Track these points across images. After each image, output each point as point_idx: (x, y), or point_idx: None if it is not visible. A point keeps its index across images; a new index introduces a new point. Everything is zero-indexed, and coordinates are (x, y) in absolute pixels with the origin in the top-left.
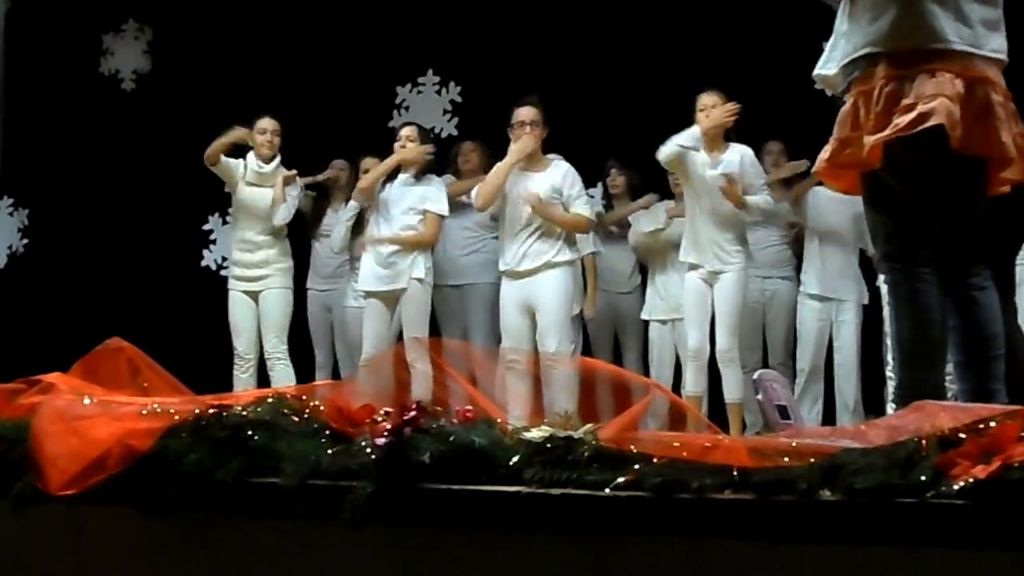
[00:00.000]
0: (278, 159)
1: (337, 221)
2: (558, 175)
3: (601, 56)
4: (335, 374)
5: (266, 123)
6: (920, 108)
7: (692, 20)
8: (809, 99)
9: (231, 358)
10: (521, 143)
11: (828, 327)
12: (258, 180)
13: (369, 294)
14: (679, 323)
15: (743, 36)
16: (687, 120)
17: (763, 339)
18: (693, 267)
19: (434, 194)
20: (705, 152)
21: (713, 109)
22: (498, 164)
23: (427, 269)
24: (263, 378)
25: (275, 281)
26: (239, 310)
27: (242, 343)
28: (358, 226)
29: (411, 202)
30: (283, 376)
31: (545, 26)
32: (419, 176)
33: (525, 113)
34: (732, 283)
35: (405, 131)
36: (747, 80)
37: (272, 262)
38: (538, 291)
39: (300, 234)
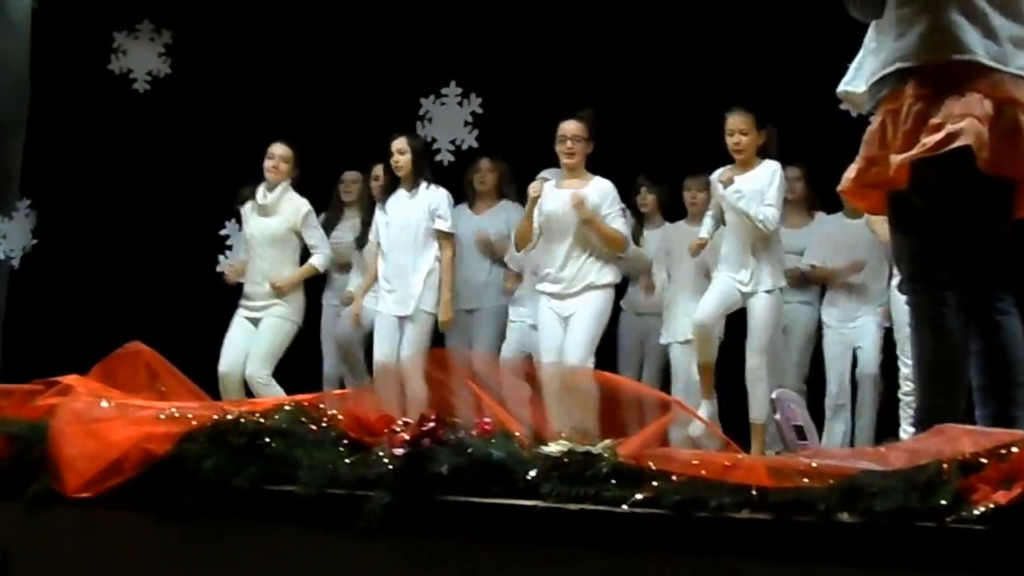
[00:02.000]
0: (285, 185)
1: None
2: (597, 193)
3: (628, 70)
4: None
5: (274, 148)
6: (948, 128)
7: (719, 33)
8: (824, 116)
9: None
10: (530, 189)
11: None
12: (262, 211)
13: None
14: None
15: (744, 39)
16: (715, 135)
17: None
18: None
19: (443, 210)
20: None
21: (742, 135)
22: (523, 217)
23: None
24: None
25: (278, 310)
26: (233, 331)
27: (224, 364)
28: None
29: (416, 217)
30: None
31: (569, 39)
32: (414, 187)
33: (567, 128)
34: (767, 303)
35: (396, 144)
36: (776, 96)
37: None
38: (576, 307)
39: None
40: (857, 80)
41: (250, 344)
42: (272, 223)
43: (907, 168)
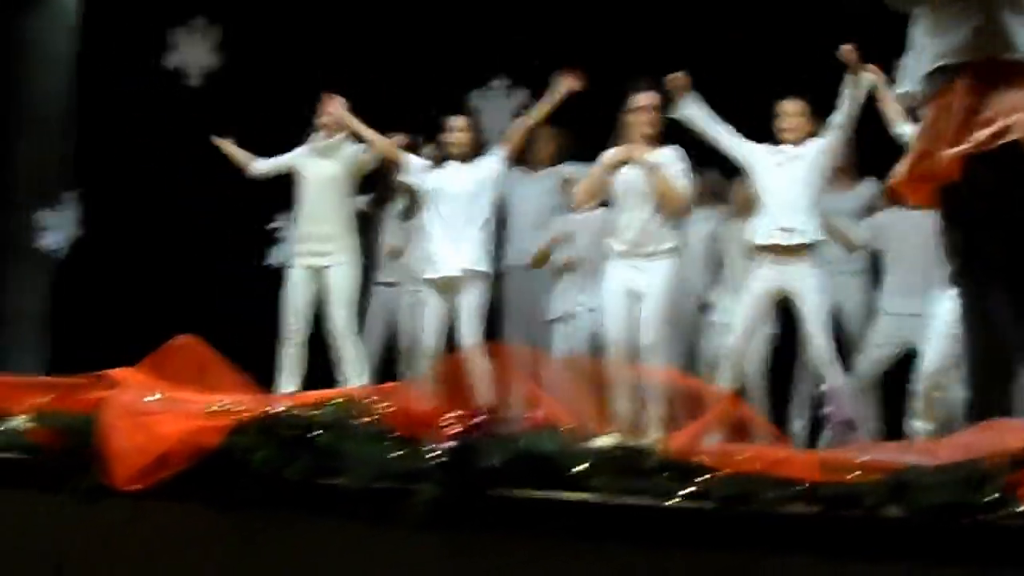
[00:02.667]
0: (344, 134)
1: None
2: (664, 156)
3: (678, 59)
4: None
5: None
6: (999, 123)
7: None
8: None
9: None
10: (630, 150)
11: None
12: (320, 153)
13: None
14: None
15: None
16: (760, 120)
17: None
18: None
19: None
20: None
21: (792, 118)
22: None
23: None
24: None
25: (340, 258)
26: (291, 290)
27: (289, 326)
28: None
29: (473, 186)
30: (353, 354)
31: (616, 34)
32: (469, 160)
33: (646, 99)
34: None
35: (456, 122)
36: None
37: (338, 237)
38: (648, 279)
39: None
40: (909, 81)
41: (311, 298)
42: (329, 165)
43: (958, 162)
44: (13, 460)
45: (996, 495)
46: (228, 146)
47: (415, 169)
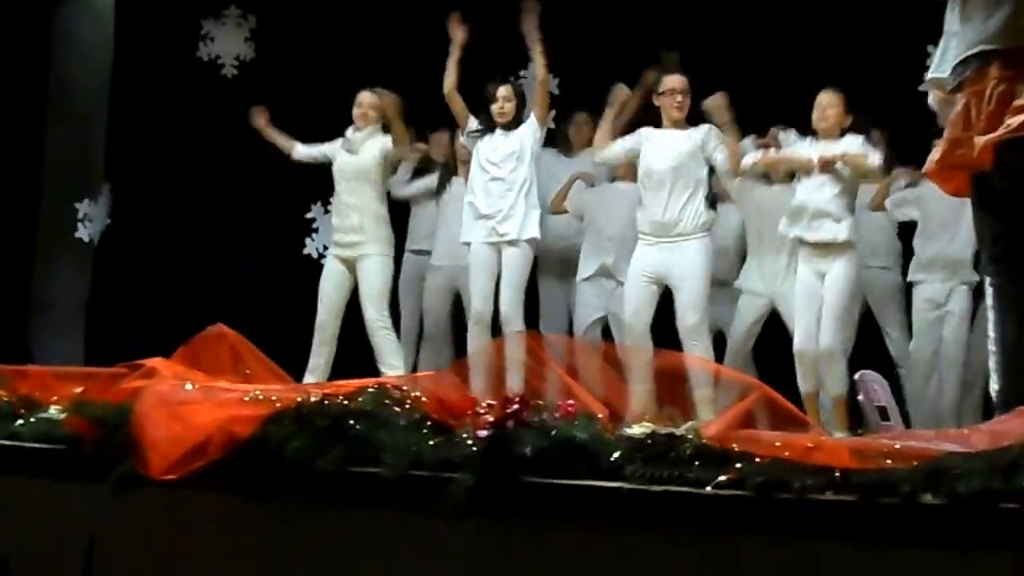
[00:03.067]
0: (374, 127)
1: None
2: (699, 132)
3: (703, 50)
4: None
5: (362, 97)
6: None
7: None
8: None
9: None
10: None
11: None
12: (350, 147)
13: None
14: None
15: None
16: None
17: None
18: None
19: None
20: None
21: (828, 109)
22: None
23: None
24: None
25: (372, 248)
26: (325, 279)
27: (322, 313)
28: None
29: (517, 147)
30: (386, 346)
31: (643, 23)
32: (511, 127)
33: (675, 82)
34: (842, 268)
35: (501, 91)
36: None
37: (368, 228)
38: (680, 260)
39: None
40: (944, 66)
41: (345, 288)
42: (359, 159)
43: (991, 150)
44: (49, 450)
45: None
46: (268, 130)
47: (471, 133)
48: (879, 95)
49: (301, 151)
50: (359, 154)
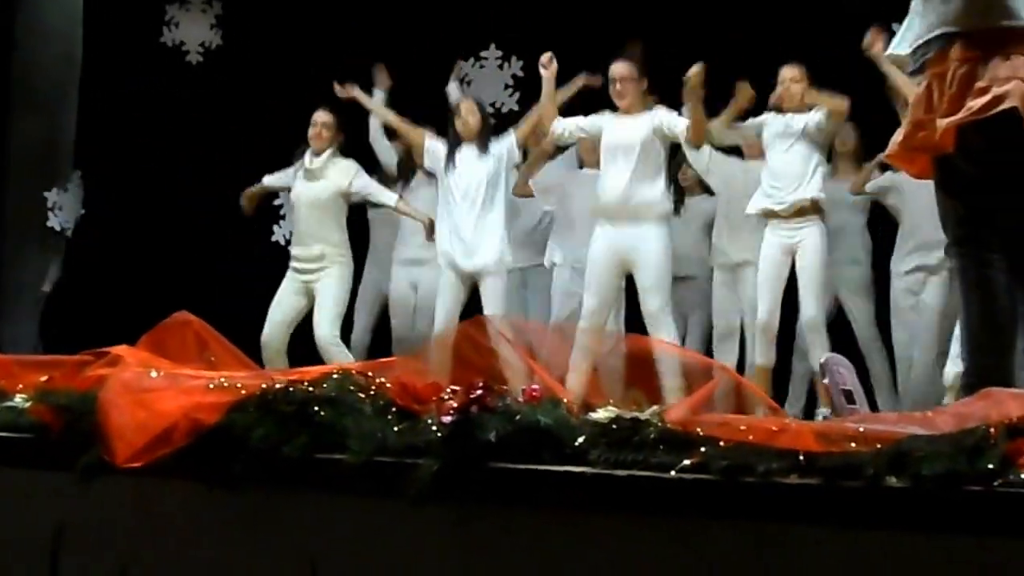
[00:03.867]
0: (331, 151)
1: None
2: (656, 116)
3: (671, 32)
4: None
5: (317, 116)
6: (994, 91)
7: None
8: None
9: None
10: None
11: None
12: (308, 176)
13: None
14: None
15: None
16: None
17: None
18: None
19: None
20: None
21: (792, 83)
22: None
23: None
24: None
25: (331, 271)
26: (279, 297)
27: (266, 332)
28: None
29: (486, 172)
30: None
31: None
32: (482, 146)
33: (614, 70)
34: (813, 239)
35: (464, 105)
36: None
37: (330, 255)
38: (638, 245)
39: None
40: (903, 44)
41: (297, 308)
42: (317, 187)
43: (953, 132)
44: (14, 439)
45: (994, 463)
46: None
47: (436, 156)
48: (846, 78)
49: (265, 181)
50: (319, 181)
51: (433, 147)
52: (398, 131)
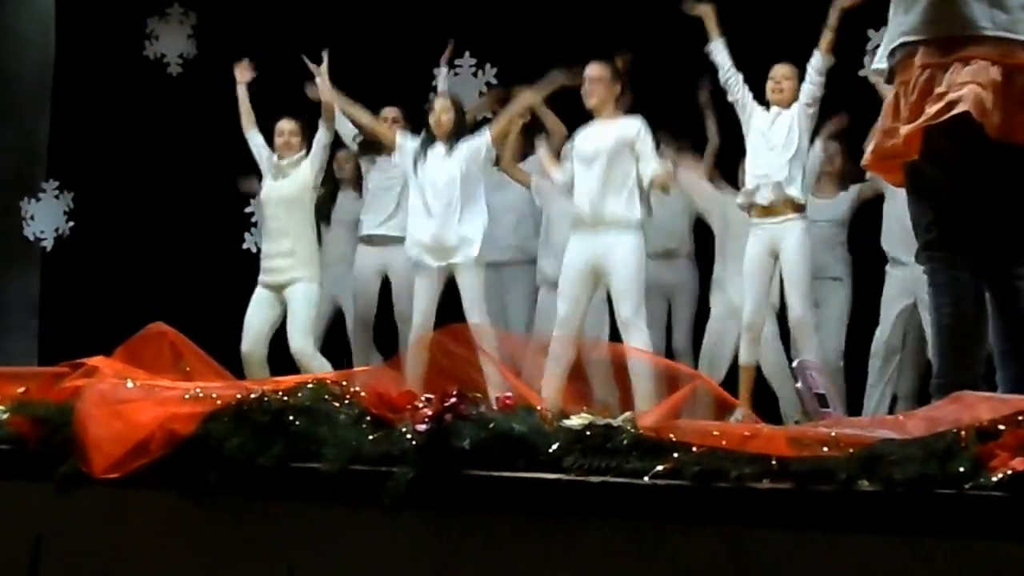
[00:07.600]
0: (301, 154)
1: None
2: (632, 129)
3: (646, 38)
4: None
5: (282, 124)
6: (949, 96)
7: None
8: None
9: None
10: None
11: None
12: (276, 173)
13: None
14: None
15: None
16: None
17: None
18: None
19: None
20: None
21: (786, 81)
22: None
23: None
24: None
25: (300, 274)
26: (253, 307)
27: (247, 343)
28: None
29: (458, 171)
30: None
31: (584, 9)
32: (452, 144)
33: (588, 70)
34: (796, 239)
35: (439, 103)
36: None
37: (299, 253)
38: (609, 253)
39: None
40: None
41: (271, 319)
42: (285, 184)
43: (916, 138)
44: None
45: (965, 467)
46: (243, 96)
47: (407, 152)
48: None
49: (251, 138)
50: (288, 178)
51: (404, 144)
52: (369, 129)
